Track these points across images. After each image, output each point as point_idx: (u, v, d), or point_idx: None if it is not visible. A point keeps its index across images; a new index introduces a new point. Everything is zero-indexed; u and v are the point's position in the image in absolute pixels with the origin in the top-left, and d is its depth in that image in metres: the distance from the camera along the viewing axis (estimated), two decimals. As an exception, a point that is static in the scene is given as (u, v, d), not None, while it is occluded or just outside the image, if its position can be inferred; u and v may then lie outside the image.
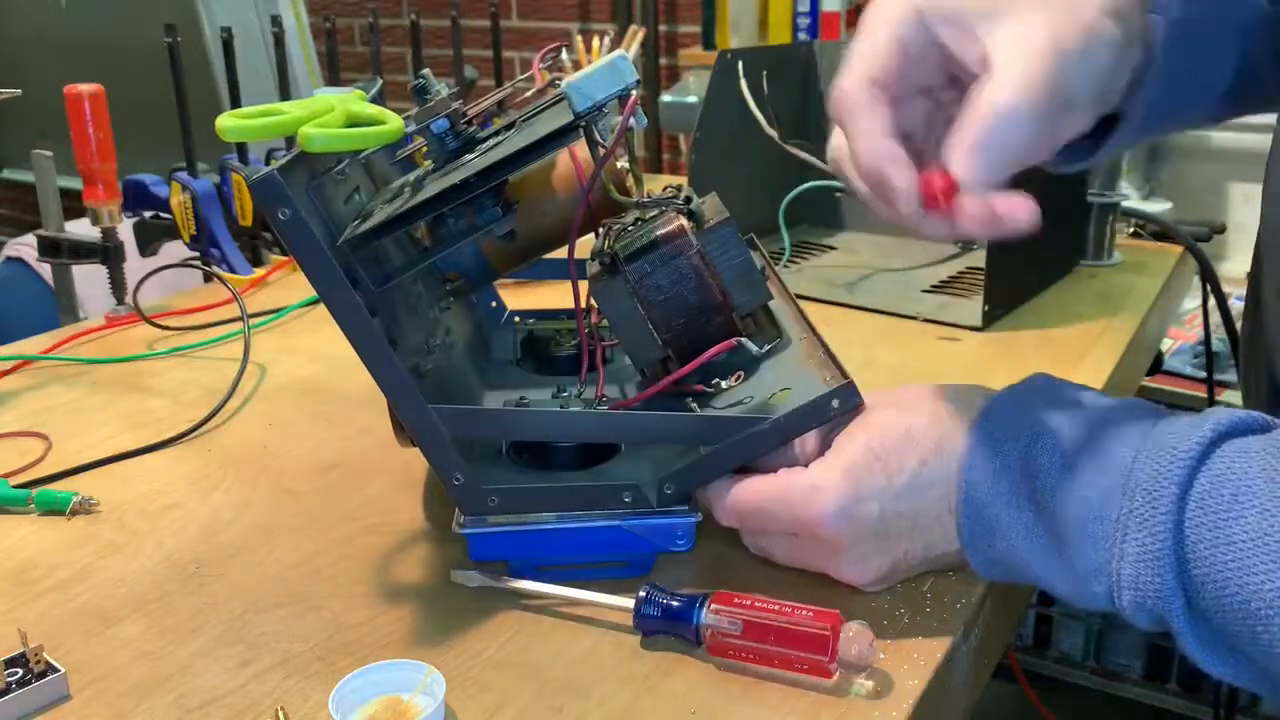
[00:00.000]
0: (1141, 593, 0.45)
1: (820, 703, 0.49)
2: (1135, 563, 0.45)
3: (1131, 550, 0.45)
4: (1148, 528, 0.45)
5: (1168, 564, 0.44)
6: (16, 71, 3.06)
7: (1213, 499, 0.44)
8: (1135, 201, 1.64)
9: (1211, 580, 0.44)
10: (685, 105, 2.27)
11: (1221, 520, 0.43)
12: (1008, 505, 0.50)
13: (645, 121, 0.58)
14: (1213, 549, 0.43)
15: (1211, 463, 0.45)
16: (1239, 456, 0.45)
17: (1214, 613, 0.44)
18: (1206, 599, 0.44)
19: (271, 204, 0.51)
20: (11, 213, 4.04)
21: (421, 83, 0.60)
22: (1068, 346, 0.92)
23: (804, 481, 0.53)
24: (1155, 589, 0.45)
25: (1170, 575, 0.44)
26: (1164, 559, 0.44)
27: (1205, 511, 0.44)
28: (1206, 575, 0.44)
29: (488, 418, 0.60)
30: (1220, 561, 0.43)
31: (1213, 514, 0.44)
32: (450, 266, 0.67)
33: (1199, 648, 0.46)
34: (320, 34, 2.81)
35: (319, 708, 0.49)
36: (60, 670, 0.51)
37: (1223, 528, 0.43)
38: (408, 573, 0.60)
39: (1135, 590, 0.46)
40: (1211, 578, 0.43)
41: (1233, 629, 0.44)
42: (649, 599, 0.53)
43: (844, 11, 2.43)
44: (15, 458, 0.74)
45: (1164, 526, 0.44)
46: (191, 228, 1.14)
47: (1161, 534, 0.44)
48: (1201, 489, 0.44)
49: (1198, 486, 0.45)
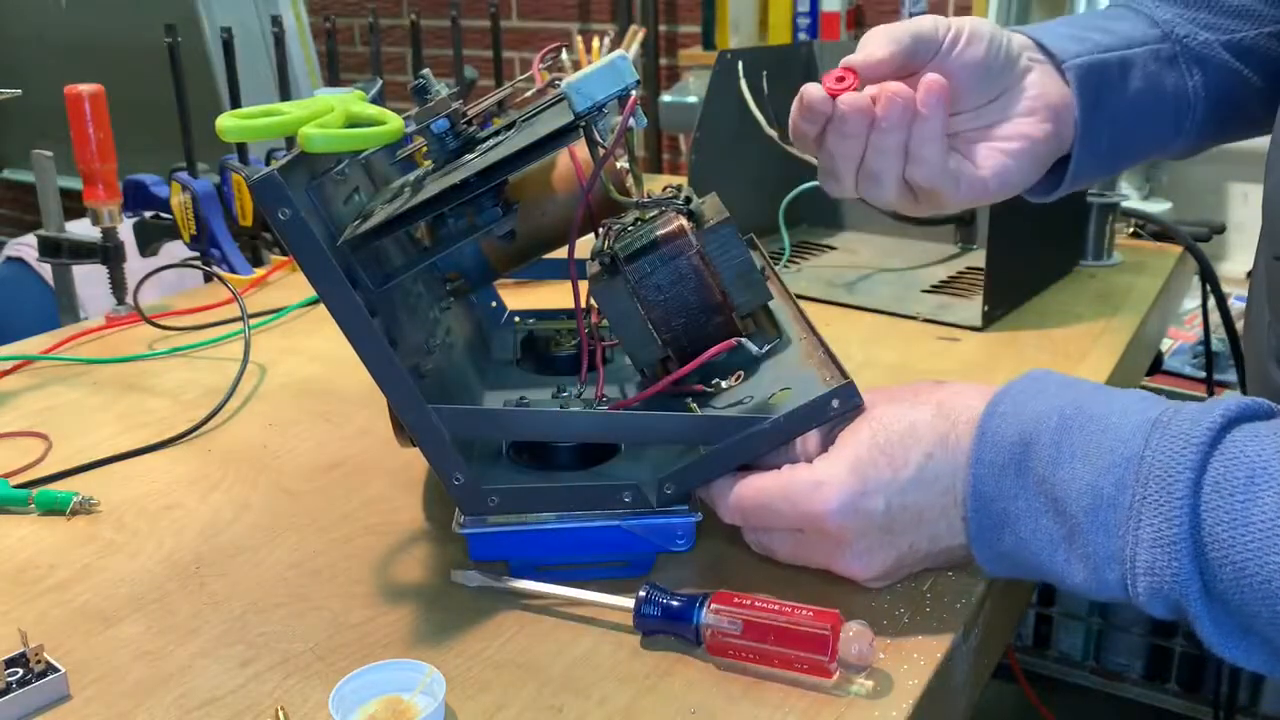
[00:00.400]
0: (1158, 578, 0.46)
1: (820, 702, 0.49)
2: (1151, 548, 0.46)
3: (1146, 536, 0.46)
4: (1163, 513, 0.45)
5: (1184, 548, 0.45)
6: (16, 71, 3.06)
7: (1228, 482, 0.44)
8: (1135, 201, 1.64)
9: (1230, 562, 0.44)
10: (685, 105, 2.27)
11: (1239, 503, 0.44)
12: (1016, 498, 0.50)
13: (645, 122, 0.58)
14: (1231, 530, 0.44)
15: (1224, 447, 0.45)
16: (1251, 440, 0.45)
17: (1232, 595, 0.44)
18: (1224, 581, 0.44)
19: (271, 204, 0.51)
20: (12, 213, 4.04)
21: (421, 83, 0.60)
22: (1068, 346, 0.92)
23: (808, 477, 0.53)
24: (1172, 573, 0.45)
25: (1187, 559, 0.45)
26: (1180, 543, 0.45)
27: (1221, 494, 0.44)
28: (1225, 557, 0.44)
29: (488, 418, 0.60)
30: (1239, 543, 0.44)
31: (1229, 497, 0.44)
32: (450, 266, 0.67)
33: (1214, 631, 0.46)
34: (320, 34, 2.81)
35: (319, 708, 0.49)
36: (60, 670, 0.51)
37: (1240, 510, 0.44)
38: (408, 573, 0.60)
39: (1151, 576, 0.46)
40: (1230, 559, 0.44)
41: (1251, 609, 0.44)
42: (649, 599, 0.53)
43: (844, 12, 2.44)
44: (15, 458, 0.74)
45: (1180, 511, 0.45)
46: (192, 228, 1.14)
47: (1177, 519, 0.45)
48: (1216, 473, 0.45)
49: (1212, 470, 0.45)
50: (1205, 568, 0.45)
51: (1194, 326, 1.63)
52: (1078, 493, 0.48)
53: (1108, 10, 0.72)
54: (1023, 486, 0.50)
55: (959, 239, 1.18)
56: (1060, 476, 0.48)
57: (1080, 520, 0.48)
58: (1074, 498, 0.48)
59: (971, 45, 0.62)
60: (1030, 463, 0.49)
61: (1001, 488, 0.50)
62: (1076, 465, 0.48)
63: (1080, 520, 0.48)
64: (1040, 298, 1.05)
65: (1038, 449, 0.49)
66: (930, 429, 0.53)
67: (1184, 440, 0.46)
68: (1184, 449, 0.45)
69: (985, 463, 0.51)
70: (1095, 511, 0.47)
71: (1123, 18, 0.70)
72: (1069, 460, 0.48)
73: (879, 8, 2.54)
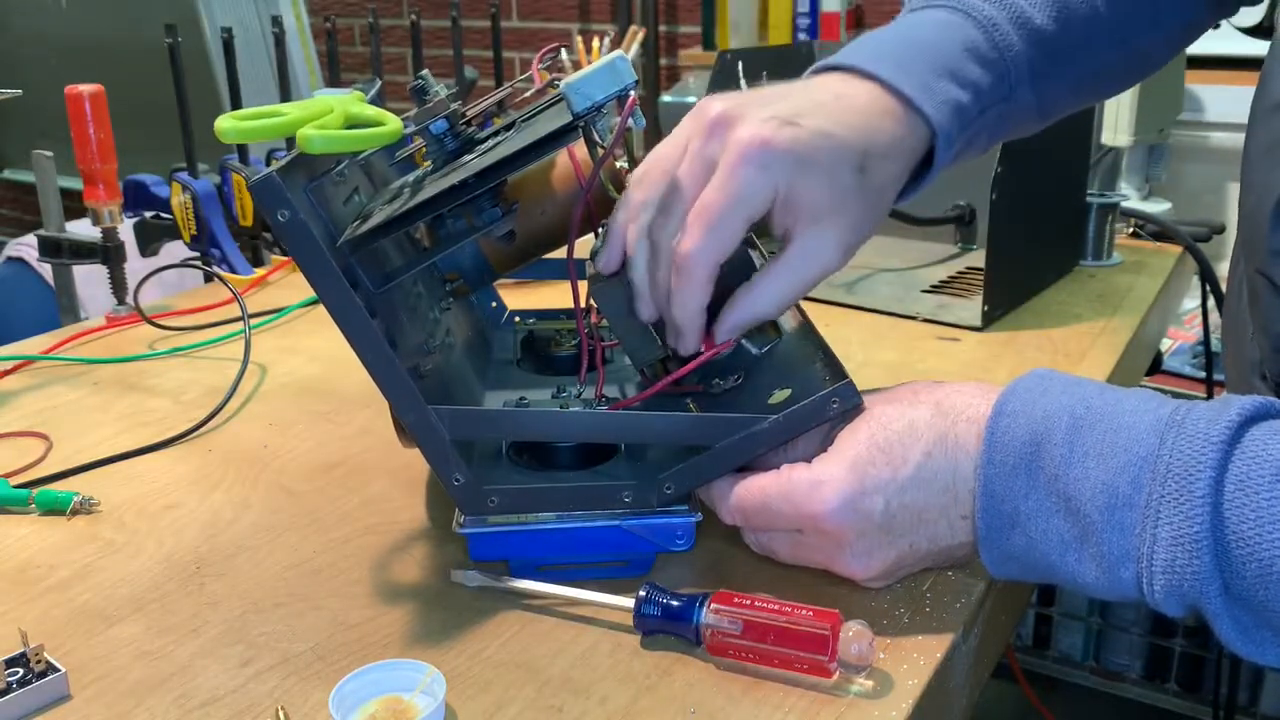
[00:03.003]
0: (1177, 576, 0.46)
1: (820, 702, 0.49)
2: (1170, 547, 0.46)
3: (1165, 534, 0.46)
4: (1183, 511, 0.45)
5: (1205, 546, 0.45)
6: (16, 71, 3.06)
7: (1253, 480, 0.44)
8: (1135, 201, 1.64)
9: (1255, 559, 0.44)
10: (685, 105, 2.27)
11: (1265, 500, 0.44)
12: (1026, 497, 0.50)
13: (644, 122, 0.58)
14: (1257, 528, 0.44)
15: (1246, 444, 0.45)
16: (1272, 438, 0.45)
17: (1255, 592, 0.44)
18: (1248, 579, 0.44)
19: (271, 205, 0.51)
20: (12, 213, 4.05)
21: (420, 83, 0.60)
22: (1067, 346, 0.92)
23: (808, 477, 0.53)
24: (1192, 572, 0.45)
25: (1208, 557, 0.45)
26: (1201, 541, 0.45)
27: (1247, 492, 0.44)
28: (1250, 555, 0.44)
29: (488, 418, 0.60)
30: (1266, 540, 0.44)
31: (1254, 494, 0.44)
32: (450, 267, 0.67)
33: (1232, 627, 0.46)
34: (320, 34, 2.81)
35: (319, 708, 0.49)
36: (60, 670, 0.51)
37: (1266, 508, 0.44)
38: (408, 573, 0.60)
39: (1169, 574, 0.46)
40: (1256, 557, 0.44)
41: (1275, 606, 0.44)
42: (649, 599, 0.53)
43: (844, 12, 2.44)
44: (16, 458, 0.74)
45: (1200, 510, 0.45)
46: (192, 228, 1.14)
47: (1198, 517, 0.45)
48: (1239, 471, 0.45)
49: (1234, 469, 0.45)
50: (1227, 565, 0.45)
51: (1194, 326, 1.63)
52: (1092, 492, 0.48)
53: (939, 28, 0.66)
54: (1033, 486, 0.50)
55: (959, 239, 1.17)
56: (1073, 476, 0.48)
57: (1095, 519, 0.48)
58: (1088, 497, 0.48)
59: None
60: (1042, 462, 0.49)
61: (1012, 488, 0.50)
62: (1090, 465, 0.48)
63: (1095, 519, 0.48)
64: (1040, 298, 1.05)
65: (1050, 448, 0.49)
66: (929, 427, 0.53)
67: (1203, 439, 0.46)
68: (1204, 447, 0.45)
69: (995, 463, 0.50)
70: (1111, 510, 0.47)
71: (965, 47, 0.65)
72: (1082, 460, 0.48)
73: (879, 8, 2.54)
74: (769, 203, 0.56)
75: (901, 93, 0.60)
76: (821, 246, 0.57)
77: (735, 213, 0.55)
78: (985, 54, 0.64)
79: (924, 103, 0.60)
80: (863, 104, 0.59)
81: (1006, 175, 0.94)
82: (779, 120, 0.56)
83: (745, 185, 0.55)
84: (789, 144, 0.55)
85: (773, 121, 0.56)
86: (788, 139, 0.55)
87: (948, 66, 0.62)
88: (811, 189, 0.56)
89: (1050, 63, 0.67)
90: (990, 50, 0.65)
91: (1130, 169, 1.66)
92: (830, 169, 0.56)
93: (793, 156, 0.55)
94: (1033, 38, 0.66)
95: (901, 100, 0.60)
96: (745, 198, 0.55)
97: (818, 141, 0.56)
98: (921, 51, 0.62)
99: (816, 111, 0.57)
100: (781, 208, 0.56)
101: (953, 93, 0.62)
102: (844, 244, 0.58)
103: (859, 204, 0.58)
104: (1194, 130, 1.87)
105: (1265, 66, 0.68)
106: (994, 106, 0.65)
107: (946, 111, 0.61)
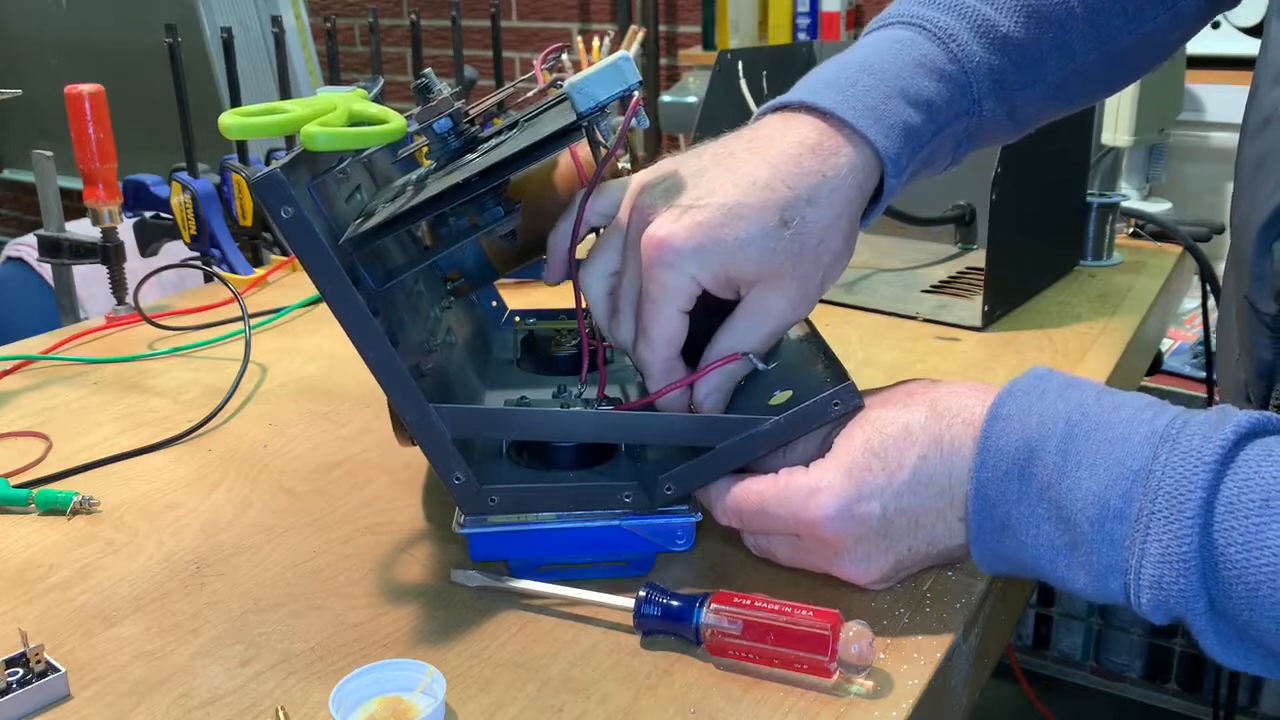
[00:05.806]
0: (1163, 593, 0.46)
1: (820, 702, 0.49)
2: (1158, 563, 0.46)
3: (1154, 551, 0.46)
4: (1172, 530, 0.45)
5: (1192, 565, 0.45)
6: (16, 71, 3.06)
7: (1243, 504, 0.44)
8: (1135, 201, 1.64)
9: (1241, 582, 0.44)
10: (685, 105, 2.27)
11: (1253, 525, 0.44)
12: (1018, 503, 0.50)
13: (648, 123, 0.58)
14: (1245, 553, 0.44)
15: (1237, 466, 0.45)
16: (1264, 460, 0.45)
17: (1241, 611, 0.45)
18: (1234, 599, 0.45)
19: (274, 202, 0.51)
20: (12, 213, 4.05)
21: (424, 82, 0.60)
22: (1067, 346, 0.92)
23: (804, 483, 0.53)
24: (1179, 590, 0.45)
25: (1195, 576, 0.45)
26: (1189, 561, 0.45)
27: (1236, 516, 0.44)
28: (1237, 578, 0.44)
29: (489, 417, 0.60)
30: (1254, 565, 0.44)
31: (1244, 519, 0.44)
32: (451, 266, 0.67)
33: (1216, 641, 0.46)
34: (320, 34, 2.81)
35: (319, 708, 0.49)
36: (60, 670, 0.51)
37: (1254, 533, 0.44)
38: (408, 572, 0.60)
39: (1156, 590, 0.46)
40: (1243, 580, 0.44)
41: (1261, 626, 0.44)
42: (649, 599, 0.53)
43: (844, 12, 2.44)
44: (15, 458, 0.74)
45: (1189, 530, 0.45)
46: (192, 228, 1.14)
47: (1187, 537, 0.45)
48: (1229, 493, 0.45)
49: (1225, 491, 0.45)
50: (1214, 584, 0.45)
51: (1194, 326, 1.63)
52: (1083, 503, 0.47)
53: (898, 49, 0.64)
54: (1025, 493, 0.50)
55: (959, 239, 1.18)
56: (1065, 485, 0.48)
57: (1085, 530, 0.48)
58: (1080, 508, 0.48)
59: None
60: (1034, 469, 0.49)
61: (1004, 493, 0.50)
62: (1082, 475, 0.48)
63: (1085, 530, 0.48)
64: (1040, 298, 1.05)
65: (1043, 455, 0.49)
66: (924, 430, 0.53)
67: (1195, 457, 0.45)
68: (1196, 466, 0.45)
69: (988, 467, 0.50)
70: (1101, 523, 0.47)
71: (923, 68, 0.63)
72: (1075, 469, 0.48)
73: (879, 8, 2.54)
74: (694, 291, 0.56)
75: (845, 120, 0.58)
76: (768, 305, 0.57)
77: (665, 309, 0.57)
78: (941, 67, 0.62)
79: (868, 128, 0.58)
80: (790, 151, 0.58)
81: (1006, 175, 0.94)
82: (680, 210, 0.56)
83: (661, 285, 0.56)
84: (687, 235, 0.55)
85: (674, 212, 0.56)
86: (686, 230, 0.55)
87: (898, 86, 0.60)
88: (730, 264, 0.56)
89: (1020, 69, 0.65)
90: (947, 63, 0.63)
91: (1130, 169, 1.66)
92: (744, 240, 0.55)
93: (693, 245, 0.55)
94: (998, 45, 0.64)
95: (845, 128, 0.59)
96: (669, 294, 0.56)
97: (722, 218, 0.55)
98: (870, 74, 0.61)
99: (725, 184, 0.57)
100: (714, 284, 0.56)
101: (903, 114, 0.60)
102: (789, 297, 0.57)
103: (792, 258, 0.56)
104: (1194, 130, 1.87)
105: (1253, 79, 0.67)
106: (956, 121, 0.63)
107: (896, 135, 0.59)
